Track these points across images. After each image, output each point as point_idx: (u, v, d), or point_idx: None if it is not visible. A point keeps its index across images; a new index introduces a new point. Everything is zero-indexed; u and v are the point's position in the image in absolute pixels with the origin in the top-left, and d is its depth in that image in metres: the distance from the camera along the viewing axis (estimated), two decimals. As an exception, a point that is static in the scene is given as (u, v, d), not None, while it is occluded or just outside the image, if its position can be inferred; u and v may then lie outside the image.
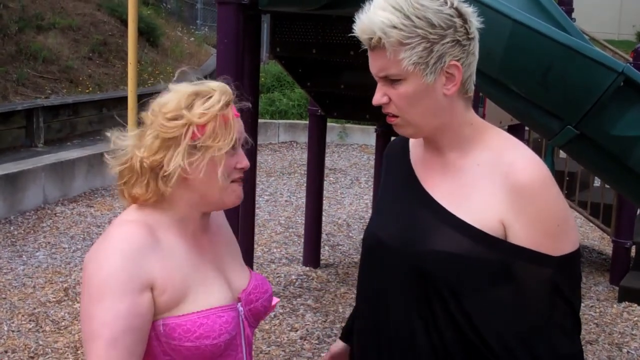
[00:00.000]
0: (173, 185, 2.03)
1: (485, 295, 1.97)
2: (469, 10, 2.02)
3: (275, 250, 8.16)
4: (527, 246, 1.95)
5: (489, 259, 1.96)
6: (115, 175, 2.14)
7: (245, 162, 2.15)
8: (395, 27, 1.92)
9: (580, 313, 5.98)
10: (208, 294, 2.06)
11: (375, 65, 2.01)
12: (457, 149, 2.10)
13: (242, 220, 5.96)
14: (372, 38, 1.96)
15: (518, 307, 1.97)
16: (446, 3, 1.97)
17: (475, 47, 2.04)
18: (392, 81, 2.00)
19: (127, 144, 2.09)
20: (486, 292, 1.97)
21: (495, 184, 1.99)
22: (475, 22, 2.03)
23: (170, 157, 2.01)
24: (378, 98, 2.04)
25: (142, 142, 2.05)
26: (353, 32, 2.03)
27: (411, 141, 2.28)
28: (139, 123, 2.12)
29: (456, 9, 1.98)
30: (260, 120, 7.61)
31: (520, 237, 1.96)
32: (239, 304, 2.17)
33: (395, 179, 2.25)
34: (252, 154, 6.16)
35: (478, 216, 1.98)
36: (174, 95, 2.05)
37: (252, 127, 6.07)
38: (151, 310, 1.97)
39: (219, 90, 2.07)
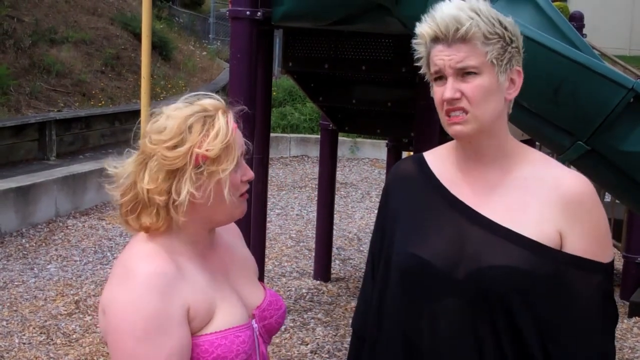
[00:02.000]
0: (185, 213, 2.00)
1: (547, 308, 2.02)
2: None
3: (286, 264, 8.17)
4: (583, 255, 2.03)
5: (549, 271, 2.02)
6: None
7: (250, 174, 2.10)
8: (479, 22, 2.00)
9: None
10: (226, 313, 2.05)
11: (454, 57, 2.02)
12: (498, 164, 2.13)
13: (253, 234, 5.98)
14: (458, 29, 2.00)
15: (576, 315, 2.03)
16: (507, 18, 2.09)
17: None
18: (465, 75, 2.03)
19: (128, 171, 2.06)
20: (548, 305, 2.02)
21: (547, 195, 2.06)
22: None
23: (178, 185, 1.98)
24: (451, 93, 2.03)
25: (145, 172, 2.01)
26: (427, 27, 2.07)
27: (430, 161, 2.28)
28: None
29: (515, 25, 2.09)
30: (271, 134, 7.62)
31: (576, 246, 2.04)
32: (253, 320, 2.17)
33: (420, 199, 2.22)
34: (263, 167, 6.18)
35: (535, 229, 2.04)
36: (170, 120, 2.01)
37: (264, 141, 6.10)
38: (191, 339, 1.98)
39: (221, 111, 2.03)
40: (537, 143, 8.03)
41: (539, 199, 2.06)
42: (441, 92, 2.05)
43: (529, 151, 2.18)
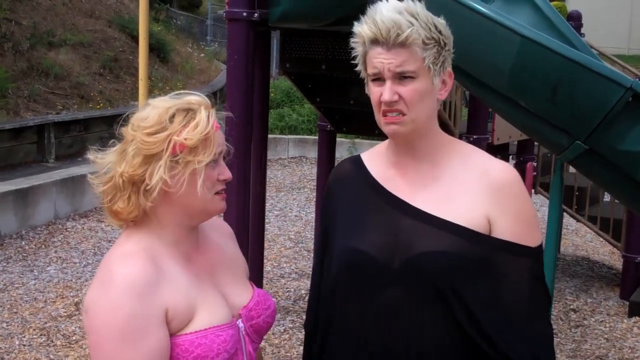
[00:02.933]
0: (154, 200, 2.03)
1: (479, 291, 2.08)
2: None
3: (285, 265, 8.17)
4: (511, 239, 2.11)
5: (478, 255, 2.09)
6: (100, 196, 2.13)
7: (227, 174, 2.12)
8: (419, 28, 2.05)
9: (591, 328, 5.97)
10: (207, 313, 2.06)
11: (394, 61, 2.08)
12: (430, 158, 2.21)
13: (252, 235, 5.98)
14: (399, 35, 2.04)
15: (507, 297, 2.10)
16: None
17: None
18: (402, 79, 2.09)
19: (109, 161, 2.09)
20: (480, 287, 2.08)
21: (475, 184, 2.15)
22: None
23: (152, 171, 2.01)
24: (390, 95, 2.09)
25: (124, 158, 2.05)
26: (367, 29, 2.11)
27: (365, 160, 2.36)
28: (119, 138, 2.13)
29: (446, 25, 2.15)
30: (269, 136, 7.64)
31: (504, 231, 2.12)
32: (239, 320, 2.18)
33: (357, 197, 2.30)
34: (261, 169, 6.19)
35: (464, 216, 2.12)
36: (154, 110, 2.06)
37: (262, 143, 6.10)
38: (169, 341, 1.99)
39: (203, 107, 2.07)
40: (536, 143, 8.05)
41: (468, 188, 2.15)
42: (379, 93, 2.12)
43: (459, 143, 2.28)
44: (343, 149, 14.76)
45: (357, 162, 2.38)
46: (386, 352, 2.14)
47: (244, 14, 4.83)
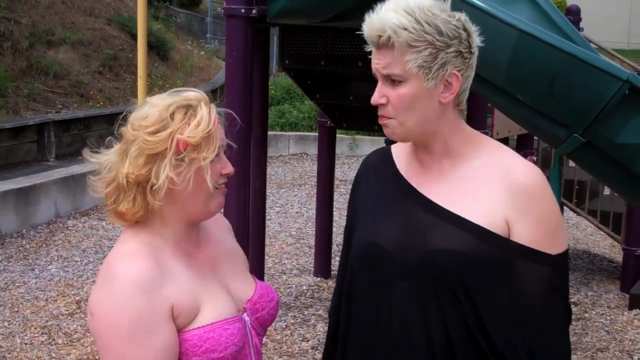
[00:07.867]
0: (162, 199, 2.03)
1: (490, 293, 2.03)
2: (472, 27, 2.09)
3: (286, 261, 8.19)
4: (529, 244, 2.04)
5: (493, 257, 2.03)
6: (102, 197, 2.14)
7: (229, 168, 2.11)
8: (405, 29, 1.98)
9: (591, 321, 5.97)
10: (213, 308, 2.06)
11: (380, 63, 2.05)
12: (451, 156, 2.15)
13: (253, 231, 5.98)
14: (381, 36, 2.00)
15: (518, 303, 2.04)
16: (454, 15, 2.05)
17: (474, 62, 2.12)
18: (392, 82, 2.05)
19: (110, 161, 2.08)
20: (491, 290, 2.03)
21: (496, 184, 2.08)
22: (476, 39, 2.11)
23: (157, 170, 2.00)
24: (377, 98, 2.07)
25: (126, 159, 2.03)
26: (361, 31, 2.08)
27: (394, 152, 2.33)
28: (118, 138, 2.12)
29: (463, 22, 2.06)
30: (270, 133, 7.65)
31: (523, 235, 2.04)
32: (245, 314, 2.18)
33: (381, 188, 2.28)
34: (262, 166, 6.19)
35: (482, 215, 2.05)
36: (153, 108, 2.04)
37: (262, 140, 6.12)
38: (177, 337, 2.00)
39: (203, 103, 2.06)
40: (535, 137, 8.06)
41: (489, 187, 2.08)
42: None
43: (486, 141, 2.20)
44: (343, 145, 14.79)
45: (385, 152, 2.35)
46: (392, 346, 2.12)
47: (242, 10, 4.84)
